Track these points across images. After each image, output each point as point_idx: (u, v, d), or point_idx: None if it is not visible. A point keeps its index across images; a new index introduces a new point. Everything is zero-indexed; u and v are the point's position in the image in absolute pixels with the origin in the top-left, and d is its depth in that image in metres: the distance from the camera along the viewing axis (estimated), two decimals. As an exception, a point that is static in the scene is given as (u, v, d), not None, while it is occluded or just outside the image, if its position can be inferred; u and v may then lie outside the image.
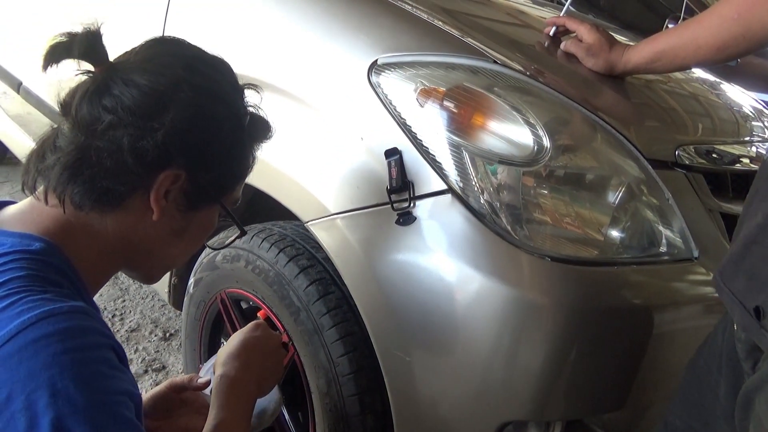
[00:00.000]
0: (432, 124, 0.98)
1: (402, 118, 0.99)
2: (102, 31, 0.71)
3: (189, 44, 0.78)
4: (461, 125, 0.97)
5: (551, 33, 1.24)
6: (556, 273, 0.92)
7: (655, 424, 0.95)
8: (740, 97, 1.61)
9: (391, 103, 1.01)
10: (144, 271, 0.82)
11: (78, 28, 0.70)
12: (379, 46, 1.06)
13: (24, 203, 0.73)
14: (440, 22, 1.14)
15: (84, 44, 0.69)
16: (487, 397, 0.97)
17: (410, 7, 1.17)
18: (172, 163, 0.70)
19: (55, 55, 0.69)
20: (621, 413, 1.02)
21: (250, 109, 0.80)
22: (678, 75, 1.57)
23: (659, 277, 1.01)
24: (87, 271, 0.71)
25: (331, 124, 1.08)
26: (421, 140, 0.98)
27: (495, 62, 1.02)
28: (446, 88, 0.98)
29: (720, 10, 0.95)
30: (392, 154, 0.98)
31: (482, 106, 0.99)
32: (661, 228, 1.02)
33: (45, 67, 0.69)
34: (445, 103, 0.98)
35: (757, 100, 1.68)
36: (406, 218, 0.96)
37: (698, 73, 1.68)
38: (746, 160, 1.26)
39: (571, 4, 1.30)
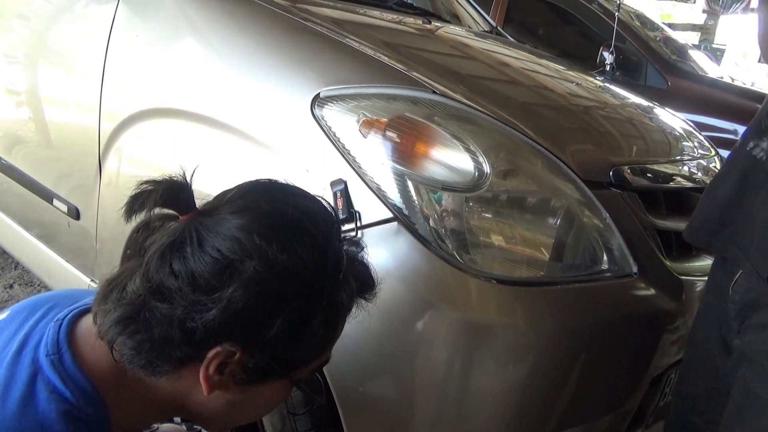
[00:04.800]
0: (375, 154, 0.99)
1: (346, 149, 1.01)
2: (191, 180, 0.66)
3: (291, 194, 0.69)
4: (404, 154, 0.99)
5: None
6: (502, 295, 0.94)
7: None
8: (671, 119, 1.70)
9: (334, 135, 1.02)
10: (199, 424, 0.77)
11: (164, 176, 0.65)
12: (321, 79, 1.08)
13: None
14: (384, 56, 1.17)
15: (168, 193, 0.64)
16: (443, 423, 0.97)
17: (356, 43, 1.19)
18: (225, 340, 0.62)
19: (136, 204, 0.64)
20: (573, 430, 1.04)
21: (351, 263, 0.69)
22: (613, 100, 1.65)
23: (602, 294, 1.04)
24: (125, 422, 0.67)
25: (277, 158, 1.09)
26: (365, 170, 0.99)
27: (434, 92, 1.05)
28: (388, 119, 1.00)
29: None
30: (337, 184, 0.98)
31: (424, 135, 1.01)
32: (601, 246, 1.05)
33: (128, 217, 0.64)
34: (388, 133, 1.00)
35: (686, 122, 1.78)
36: (354, 248, 0.97)
37: (632, 98, 1.76)
38: (678, 179, 1.32)
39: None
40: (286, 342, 0.64)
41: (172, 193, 0.64)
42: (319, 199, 0.70)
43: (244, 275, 0.60)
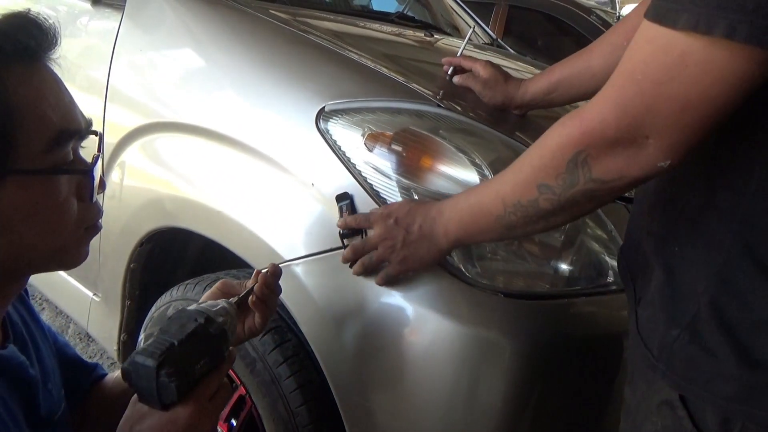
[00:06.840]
0: (381, 167, 0.99)
1: (351, 163, 1.01)
2: None
3: None
4: (410, 168, 1.00)
5: (449, 72, 1.24)
6: (509, 308, 0.94)
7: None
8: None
9: (340, 149, 1.02)
10: (40, 270, 0.69)
11: None
12: (326, 93, 1.08)
13: None
14: (387, 70, 1.17)
15: None
16: (450, 437, 0.96)
17: (356, 56, 1.20)
18: None
19: None
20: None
21: None
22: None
23: (609, 307, 1.04)
24: None
25: (282, 172, 1.09)
26: (371, 184, 0.99)
27: (439, 105, 1.06)
28: (393, 132, 1.01)
29: (609, 38, 1.02)
30: (343, 198, 0.98)
31: (429, 148, 1.01)
32: (606, 258, 1.05)
33: None
34: (393, 146, 1.00)
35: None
36: (360, 262, 0.96)
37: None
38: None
39: (466, 45, 1.32)
40: None
41: None
42: None
43: None
